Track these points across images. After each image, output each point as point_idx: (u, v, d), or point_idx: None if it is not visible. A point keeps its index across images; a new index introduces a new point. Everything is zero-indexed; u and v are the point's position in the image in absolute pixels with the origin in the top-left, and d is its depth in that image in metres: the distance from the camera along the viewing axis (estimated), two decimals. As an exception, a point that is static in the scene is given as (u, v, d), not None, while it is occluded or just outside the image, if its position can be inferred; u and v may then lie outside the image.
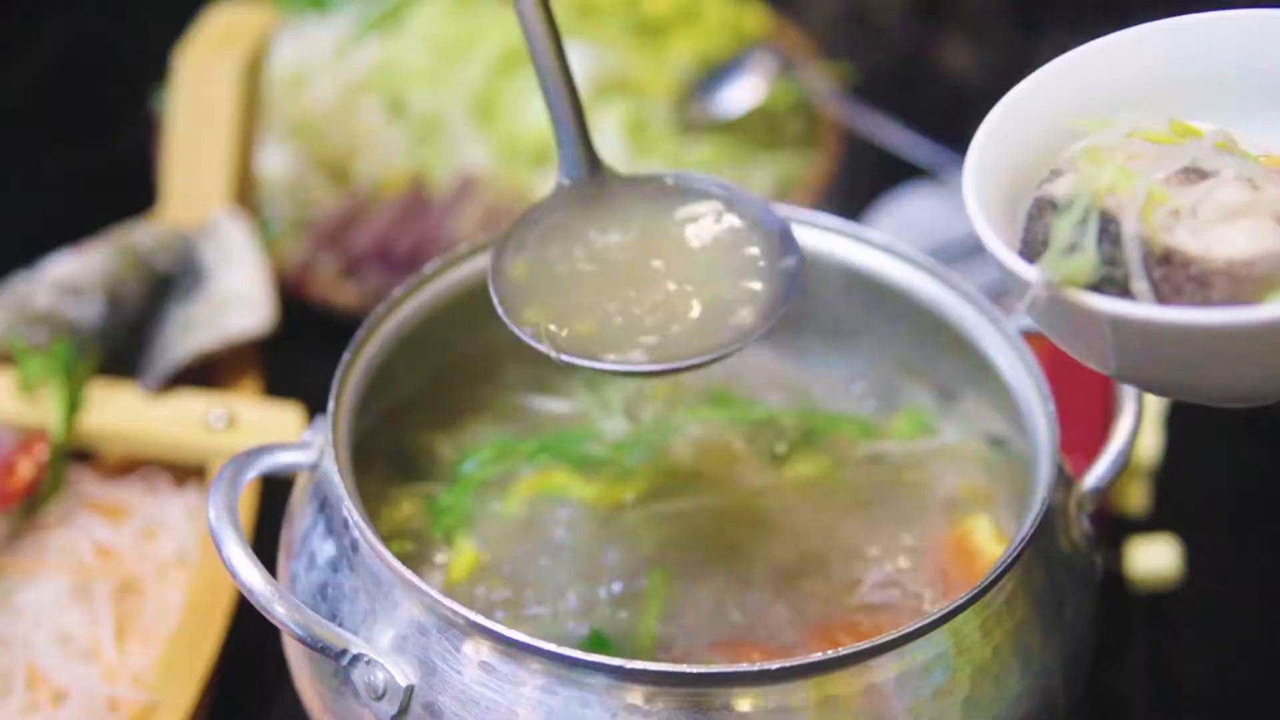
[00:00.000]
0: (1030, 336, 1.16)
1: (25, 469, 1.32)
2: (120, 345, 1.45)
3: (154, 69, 1.73)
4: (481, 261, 1.18)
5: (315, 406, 1.12)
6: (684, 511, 1.14)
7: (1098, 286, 0.84)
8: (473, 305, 1.17)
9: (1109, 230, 0.84)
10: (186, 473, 1.39)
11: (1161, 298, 0.83)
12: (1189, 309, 0.81)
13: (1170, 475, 1.46)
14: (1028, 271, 0.84)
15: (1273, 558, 1.44)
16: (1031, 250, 0.87)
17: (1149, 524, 1.43)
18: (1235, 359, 0.82)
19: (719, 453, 1.18)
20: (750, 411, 1.21)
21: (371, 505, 1.08)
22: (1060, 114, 0.92)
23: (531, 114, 1.72)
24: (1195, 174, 0.87)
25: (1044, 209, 0.87)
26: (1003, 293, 1.51)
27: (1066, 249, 0.85)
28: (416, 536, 1.13)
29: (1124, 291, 0.84)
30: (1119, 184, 0.86)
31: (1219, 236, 0.84)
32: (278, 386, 1.48)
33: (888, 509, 1.15)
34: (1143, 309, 0.82)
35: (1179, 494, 1.46)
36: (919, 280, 1.18)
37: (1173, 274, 0.83)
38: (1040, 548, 1.02)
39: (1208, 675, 1.37)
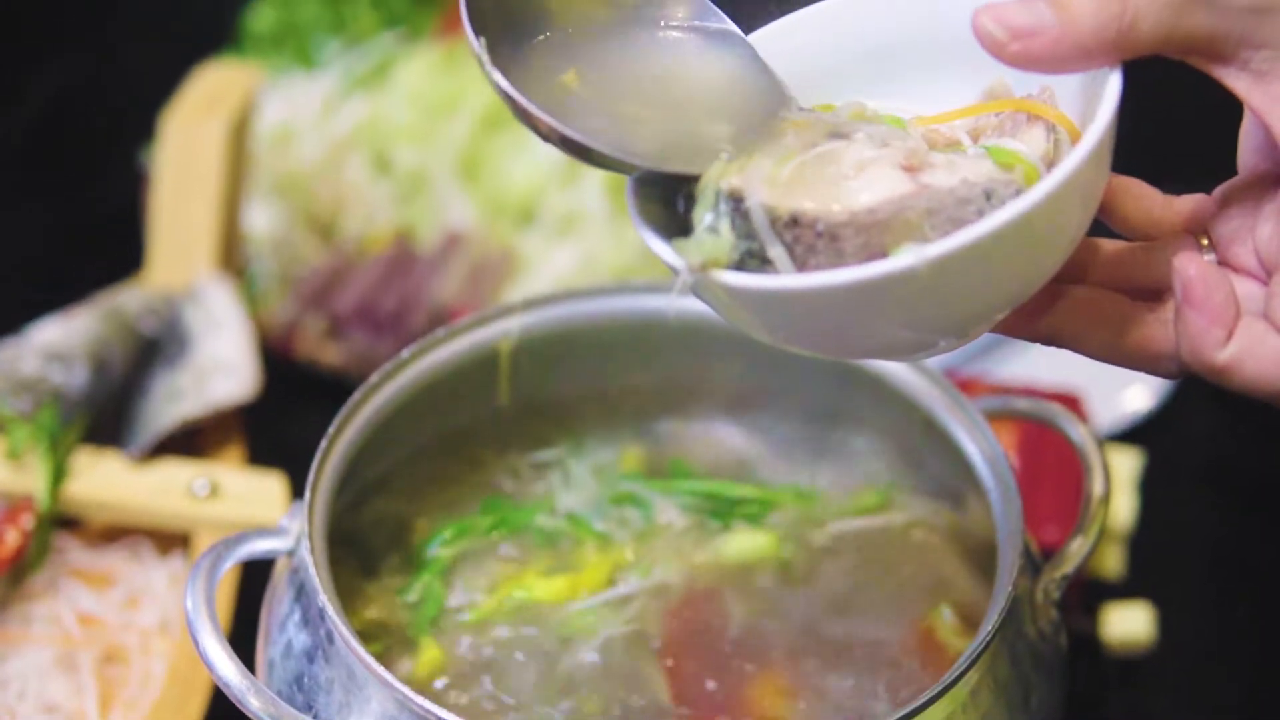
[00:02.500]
0: (995, 418, 1.17)
1: (11, 538, 1.33)
2: (106, 411, 1.46)
3: (141, 125, 1.75)
4: (458, 345, 1.20)
5: (299, 470, 1.14)
6: (638, 602, 1.15)
7: (745, 263, 0.86)
8: (449, 386, 1.20)
9: (740, 208, 0.86)
10: (170, 540, 1.40)
11: (799, 260, 0.85)
12: (799, 275, 0.84)
13: (1145, 540, 1.47)
14: (675, 260, 0.87)
15: (1248, 623, 1.45)
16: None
17: (1124, 588, 1.44)
18: (872, 314, 0.85)
19: (669, 533, 1.20)
20: (706, 487, 1.23)
21: (348, 594, 1.10)
22: None
23: (517, 171, 1.73)
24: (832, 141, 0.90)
25: (689, 201, 0.90)
26: (963, 363, 1.52)
27: (704, 233, 0.87)
28: (391, 630, 1.14)
29: (768, 262, 0.86)
30: (744, 164, 0.89)
31: (845, 192, 0.86)
32: (262, 447, 1.49)
33: (850, 594, 1.16)
34: (747, 280, 0.85)
35: (1154, 558, 1.47)
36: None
37: (803, 234, 0.85)
38: (1006, 637, 1.03)
39: (1183, 740, 1.38)
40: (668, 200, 0.92)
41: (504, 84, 0.89)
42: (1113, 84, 0.86)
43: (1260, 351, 0.86)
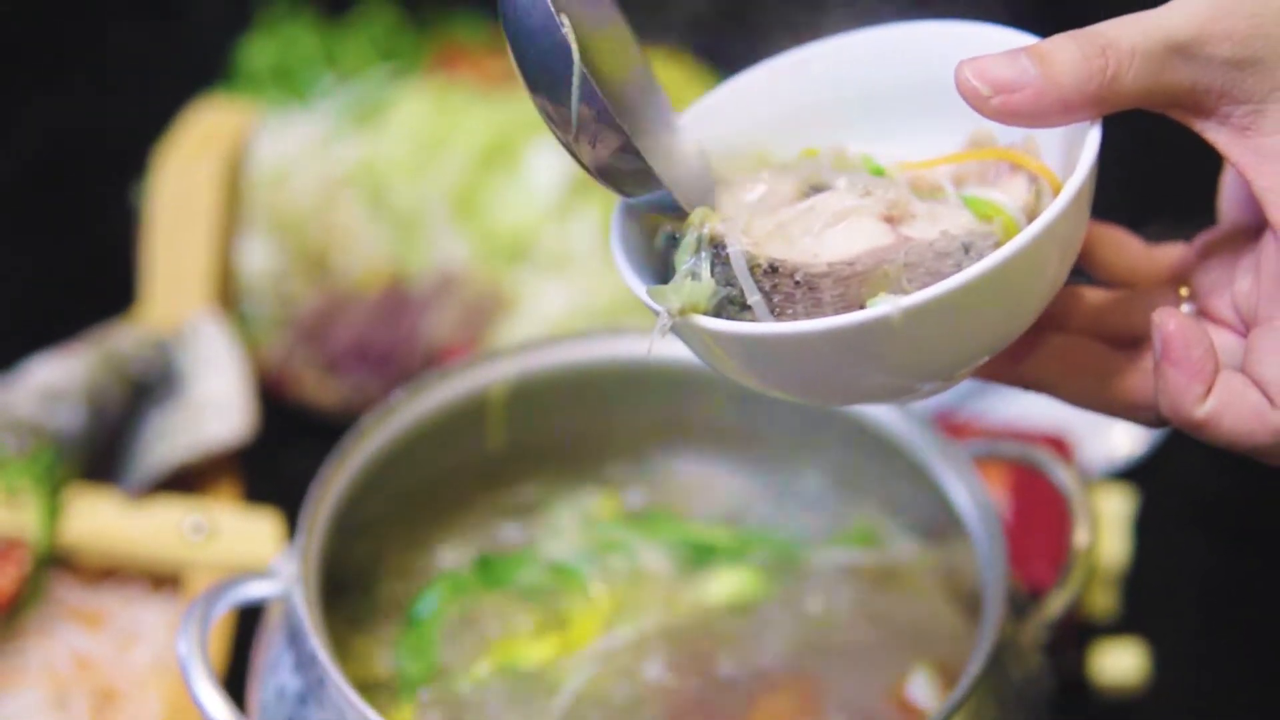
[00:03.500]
0: (984, 462, 1.18)
1: (7, 579, 1.34)
2: (101, 450, 1.47)
3: (134, 161, 1.75)
4: (447, 390, 1.21)
5: (295, 507, 1.15)
6: (627, 655, 1.16)
7: (724, 308, 0.88)
8: (439, 431, 1.22)
9: (720, 254, 0.87)
10: (164, 578, 1.40)
11: (776, 309, 0.87)
12: (778, 323, 0.86)
13: (1139, 579, 1.47)
14: (656, 304, 0.88)
15: (1242, 663, 1.45)
16: (668, 281, 0.91)
17: (1116, 627, 1.44)
18: (850, 362, 0.86)
19: (654, 578, 1.21)
20: (689, 533, 1.24)
21: (339, 639, 1.11)
22: (717, 145, 0.96)
23: (510, 208, 1.74)
24: (814, 190, 0.91)
25: (669, 244, 0.91)
26: (960, 404, 1.53)
27: (685, 278, 0.88)
28: (381, 684, 1.15)
29: (746, 309, 0.87)
30: (727, 211, 0.90)
31: (825, 242, 0.87)
32: (258, 482, 1.49)
33: (836, 637, 1.17)
34: (727, 326, 0.86)
35: (1148, 598, 1.47)
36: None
37: (781, 284, 0.86)
38: (991, 683, 1.04)
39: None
40: (648, 239, 0.93)
41: (581, 64, 0.86)
42: (1091, 137, 0.87)
43: (1238, 406, 0.87)
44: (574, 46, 0.86)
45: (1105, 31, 0.85)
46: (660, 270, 0.92)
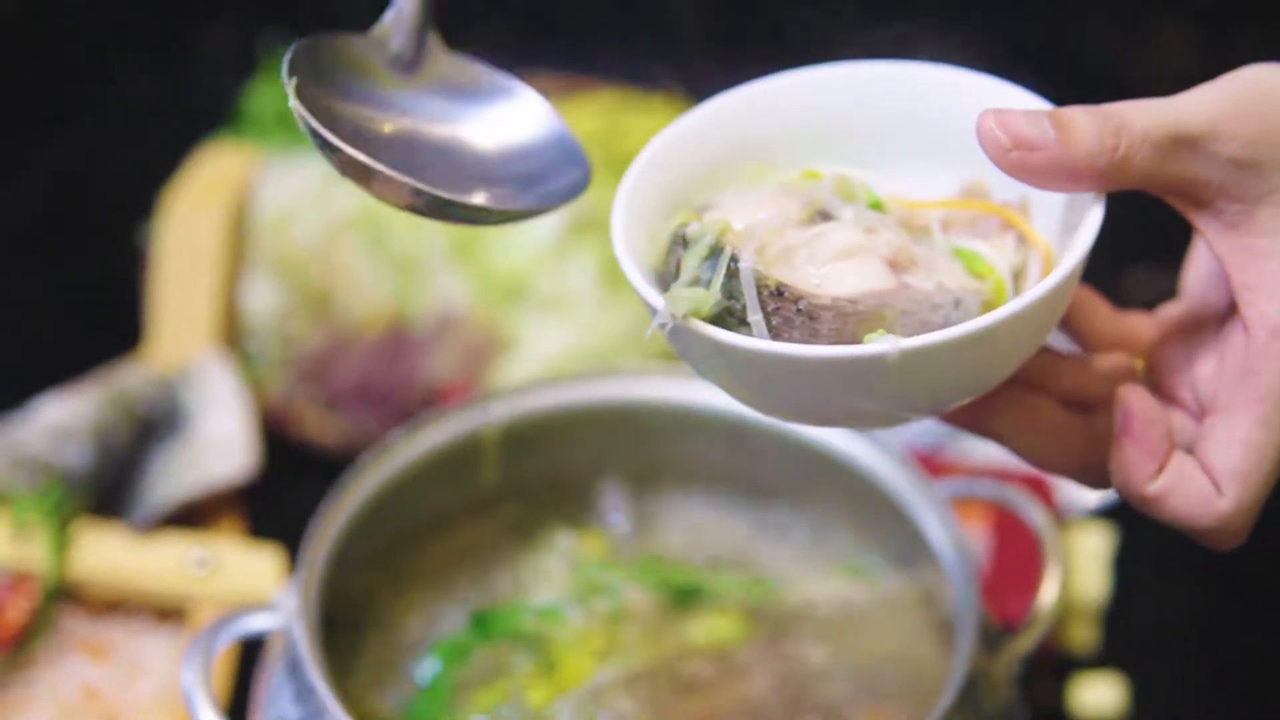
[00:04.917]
0: (965, 501, 1.21)
1: (17, 613, 1.37)
2: (108, 487, 1.50)
3: (140, 203, 1.77)
4: (444, 430, 1.25)
5: (295, 542, 1.18)
6: (612, 694, 1.18)
7: (722, 318, 0.89)
8: (435, 470, 1.25)
9: (732, 267, 0.89)
10: (170, 610, 1.44)
11: (774, 331, 0.88)
12: (779, 344, 0.87)
13: (1118, 613, 1.49)
14: (657, 302, 0.89)
15: (1218, 695, 1.47)
16: (670, 281, 0.92)
17: (1095, 661, 1.47)
18: (837, 388, 0.88)
19: (638, 618, 1.24)
20: (674, 575, 1.27)
21: (338, 672, 1.14)
22: (719, 151, 0.98)
23: (508, 251, 1.76)
24: (820, 216, 0.93)
25: (677, 243, 0.92)
26: (936, 449, 1.55)
27: (691, 283, 0.89)
28: (381, 713, 1.18)
29: (743, 323, 0.89)
30: (744, 226, 0.91)
31: (831, 275, 0.89)
32: (260, 520, 1.53)
33: (815, 672, 1.19)
34: (737, 339, 0.87)
35: (1127, 632, 1.49)
36: (853, 444, 1.24)
37: (784, 308, 0.88)
38: (963, 715, 1.07)
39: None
40: (647, 233, 0.94)
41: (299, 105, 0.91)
42: (1093, 215, 0.89)
43: (1187, 489, 0.89)
44: (292, 94, 0.91)
45: (1122, 112, 0.88)
46: (658, 264, 0.93)
